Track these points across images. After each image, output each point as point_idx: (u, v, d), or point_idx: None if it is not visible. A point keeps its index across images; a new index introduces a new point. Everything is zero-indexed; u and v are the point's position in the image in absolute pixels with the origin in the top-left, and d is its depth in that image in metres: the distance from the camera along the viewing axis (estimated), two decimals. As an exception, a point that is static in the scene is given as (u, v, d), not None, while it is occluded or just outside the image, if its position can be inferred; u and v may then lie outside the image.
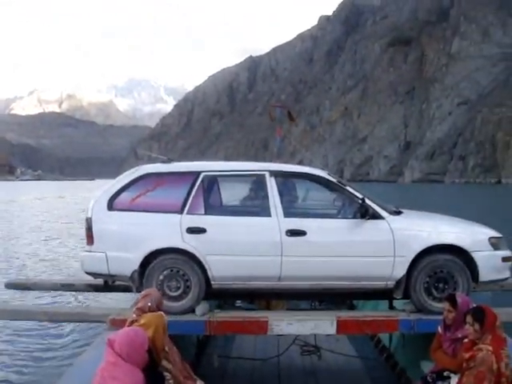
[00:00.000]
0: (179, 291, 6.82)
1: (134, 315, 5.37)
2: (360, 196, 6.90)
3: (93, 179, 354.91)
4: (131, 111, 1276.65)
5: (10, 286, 9.31)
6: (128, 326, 5.20)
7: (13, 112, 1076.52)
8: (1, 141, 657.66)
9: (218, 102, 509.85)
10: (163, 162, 7.37)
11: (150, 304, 5.46)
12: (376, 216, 6.85)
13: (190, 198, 6.89)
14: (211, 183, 7.30)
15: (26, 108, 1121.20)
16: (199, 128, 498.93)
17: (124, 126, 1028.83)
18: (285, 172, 7.33)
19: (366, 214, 6.77)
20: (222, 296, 7.65)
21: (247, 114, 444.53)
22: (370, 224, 6.82)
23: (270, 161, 8.66)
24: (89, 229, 6.97)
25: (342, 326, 6.77)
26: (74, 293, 12.83)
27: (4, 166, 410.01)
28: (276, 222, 6.79)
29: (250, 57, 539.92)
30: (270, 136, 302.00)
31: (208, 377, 6.07)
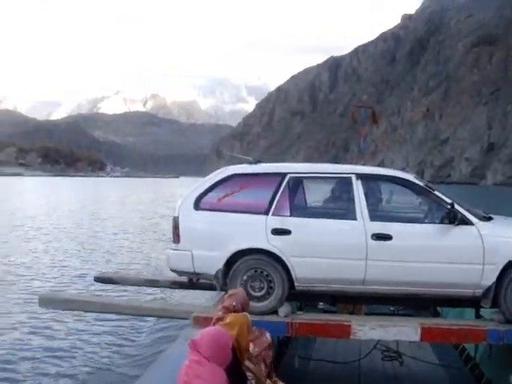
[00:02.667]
0: (262, 292, 6.84)
1: (220, 313, 5.43)
2: (449, 201, 6.73)
3: (177, 177, 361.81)
4: (213, 110, 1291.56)
5: (98, 279, 9.58)
6: (214, 323, 5.27)
7: (100, 111, 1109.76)
8: (90, 138, 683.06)
9: (299, 101, 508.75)
10: (249, 162, 7.41)
11: (234, 304, 5.50)
12: (465, 221, 6.66)
13: (276, 200, 6.91)
14: (297, 185, 7.31)
15: (112, 107, 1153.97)
16: (280, 128, 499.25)
17: (206, 125, 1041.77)
18: (371, 175, 7.22)
19: (454, 219, 6.59)
20: (304, 298, 7.65)
21: (328, 114, 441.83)
22: (459, 230, 6.63)
23: (351, 162, 8.60)
24: (175, 227, 7.11)
25: (426, 333, 6.63)
26: (158, 289, 13.10)
27: (96, 163, 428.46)
28: (362, 226, 6.72)
29: (332, 57, 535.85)
30: (351, 137, 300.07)
31: (288, 378, 6.06)
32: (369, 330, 6.69)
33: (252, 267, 6.81)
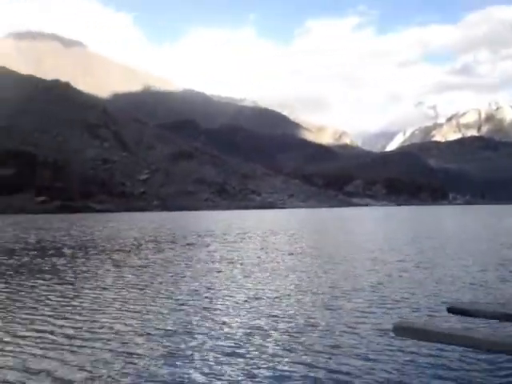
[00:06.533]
0: None
1: None
2: None
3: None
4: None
5: (452, 310, 9.18)
6: None
7: (433, 139, 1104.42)
8: (425, 167, 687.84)
9: None
10: None
11: None
12: None
13: None
14: None
15: (445, 134, 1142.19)
16: None
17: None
18: None
19: None
20: None
21: None
22: None
23: None
24: None
25: None
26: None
27: (437, 191, 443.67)
28: None
29: None
30: None
31: None
32: None
33: None
